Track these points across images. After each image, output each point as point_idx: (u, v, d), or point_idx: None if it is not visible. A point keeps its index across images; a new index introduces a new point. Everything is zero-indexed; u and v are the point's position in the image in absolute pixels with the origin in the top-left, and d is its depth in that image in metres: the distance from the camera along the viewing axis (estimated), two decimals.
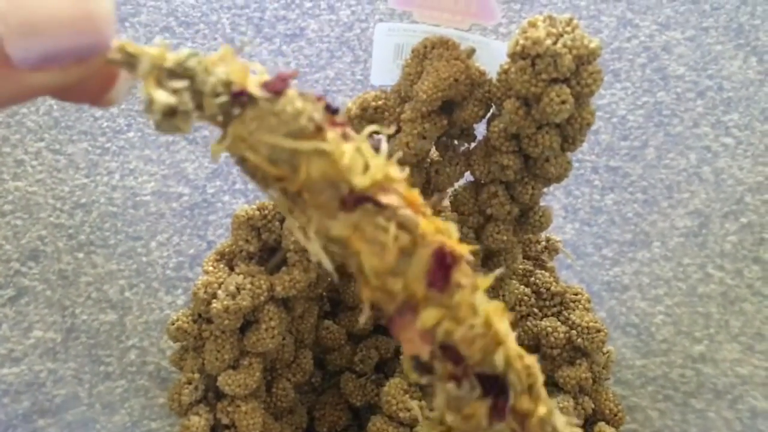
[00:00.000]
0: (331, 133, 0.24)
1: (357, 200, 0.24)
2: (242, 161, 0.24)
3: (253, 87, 0.24)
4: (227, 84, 0.23)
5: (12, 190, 0.57)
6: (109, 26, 0.23)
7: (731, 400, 0.56)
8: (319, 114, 0.24)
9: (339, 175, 0.24)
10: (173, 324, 0.46)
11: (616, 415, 0.50)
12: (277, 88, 0.24)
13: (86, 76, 0.24)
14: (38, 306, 0.55)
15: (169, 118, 0.23)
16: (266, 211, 0.45)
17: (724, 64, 0.65)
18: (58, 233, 0.57)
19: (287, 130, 0.23)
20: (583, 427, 0.51)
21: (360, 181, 0.24)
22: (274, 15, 0.66)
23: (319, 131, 0.24)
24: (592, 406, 0.50)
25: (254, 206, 0.46)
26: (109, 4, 0.23)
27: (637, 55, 0.65)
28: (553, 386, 0.51)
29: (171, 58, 0.23)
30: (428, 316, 0.24)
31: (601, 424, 0.50)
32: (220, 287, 0.45)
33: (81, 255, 0.57)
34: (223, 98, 0.23)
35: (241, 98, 0.23)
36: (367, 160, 0.24)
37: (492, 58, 0.44)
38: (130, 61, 0.24)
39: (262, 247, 0.46)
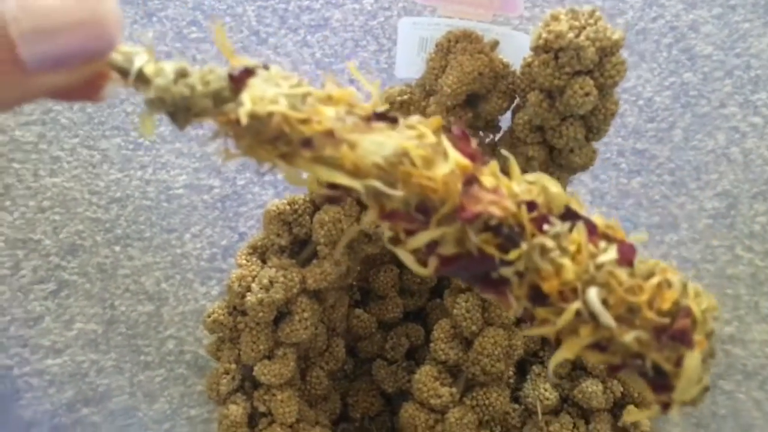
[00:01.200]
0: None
1: (377, 117, 0.26)
2: (264, 122, 0.25)
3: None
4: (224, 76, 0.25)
5: (50, 186, 0.59)
6: (117, 28, 0.24)
7: (761, 381, 0.56)
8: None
9: (354, 102, 0.26)
10: (209, 316, 0.48)
11: (644, 398, 0.51)
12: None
13: (90, 76, 0.25)
14: (78, 299, 0.57)
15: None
16: (296, 206, 0.46)
17: (752, 42, 0.64)
18: (95, 227, 0.59)
19: (289, 83, 0.26)
20: (611, 410, 0.51)
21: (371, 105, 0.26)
22: (299, 6, 0.67)
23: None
24: (621, 389, 0.51)
25: (285, 201, 0.47)
26: (115, 5, 0.24)
27: (663, 36, 0.64)
28: (582, 370, 0.51)
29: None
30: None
31: (630, 407, 0.51)
32: (253, 280, 0.46)
33: (118, 248, 0.58)
34: (222, 83, 0.25)
35: (242, 74, 0.25)
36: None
37: (516, 49, 0.44)
38: (126, 66, 0.25)
39: (293, 240, 0.47)
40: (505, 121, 0.46)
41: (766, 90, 0.62)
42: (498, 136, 0.46)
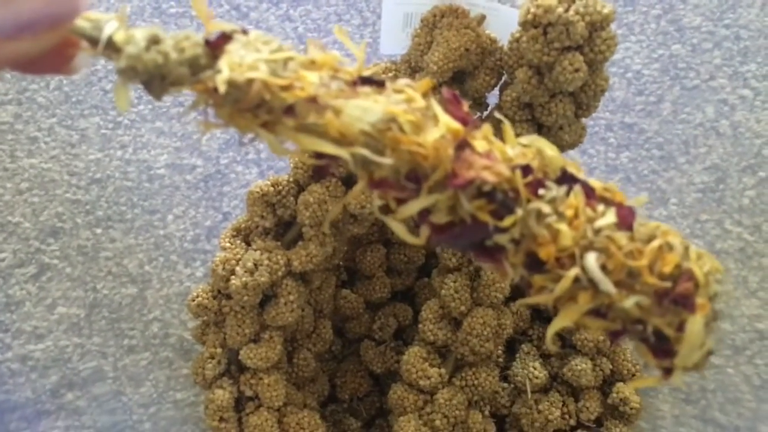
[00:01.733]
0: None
1: (363, 81, 0.25)
2: (244, 89, 0.24)
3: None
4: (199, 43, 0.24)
5: (27, 168, 0.58)
6: None
7: (749, 355, 0.56)
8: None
9: (338, 67, 0.25)
10: (194, 300, 0.47)
11: (634, 375, 0.51)
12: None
13: (54, 45, 0.24)
14: (60, 282, 0.56)
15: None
16: (280, 187, 0.45)
17: (741, 13, 0.63)
18: (75, 209, 0.57)
19: (270, 48, 0.25)
20: (601, 387, 0.51)
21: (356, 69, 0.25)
22: None
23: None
24: (610, 366, 0.51)
25: (268, 182, 0.46)
26: None
27: (652, 7, 0.63)
28: (571, 348, 0.51)
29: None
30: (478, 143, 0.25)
31: (620, 384, 0.50)
32: (238, 264, 0.45)
33: (99, 230, 0.57)
34: (198, 49, 0.24)
35: (219, 39, 0.24)
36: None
37: (503, 24, 0.43)
38: (94, 34, 0.24)
39: (278, 222, 0.46)
40: (492, 98, 0.45)
41: (755, 61, 0.62)
42: (485, 114, 0.45)
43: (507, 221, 0.24)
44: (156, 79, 0.24)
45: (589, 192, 0.25)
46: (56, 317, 0.56)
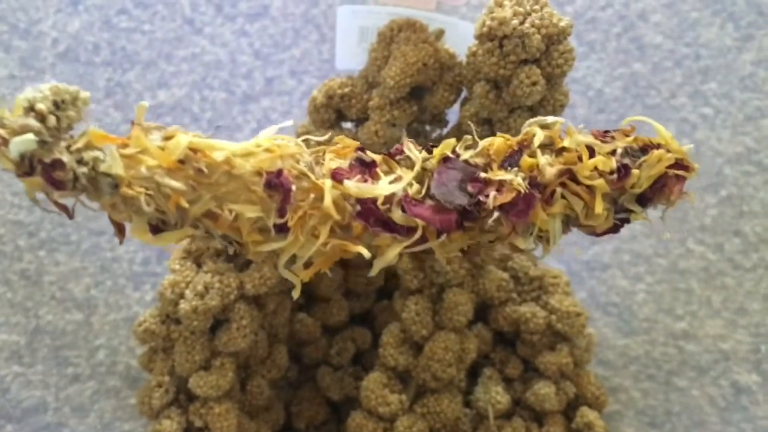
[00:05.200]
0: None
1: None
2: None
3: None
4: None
5: None
6: None
7: (714, 376, 0.55)
8: None
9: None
10: (140, 325, 0.45)
11: (598, 399, 0.50)
12: None
13: None
14: (1, 308, 0.53)
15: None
16: None
17: (701, 32, 0.63)
18: (17, 231, 0.55)
19: None
20: (565, 412, 0.50)
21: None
22: None
23: None
24: (574, 390, 0.49)
25: None
26: None
27: (613, 25, 0.63)
28: (534, 372, 0.50)
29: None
30: None
31: (584, 408, 0.49)
32: (187, 287, 0.43)
33: (42, 253, 0.55)
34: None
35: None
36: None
37: (462, 39, 0.42)
38: None
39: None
40: (453, 114, 0.44)
41: (716, 80, 0.61)
42: (446, 131, 0.44)
43: None
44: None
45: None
46: None
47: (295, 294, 0.31)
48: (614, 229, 0.34)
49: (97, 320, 0.54)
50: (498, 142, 0.32)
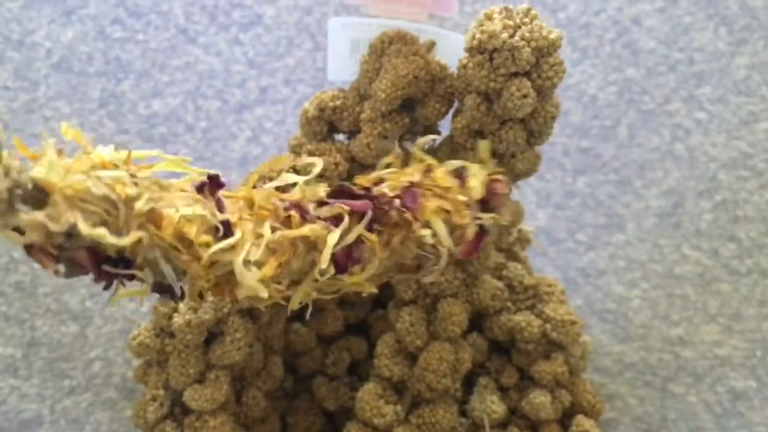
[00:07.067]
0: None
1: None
2: None
3: None
4: None
5: None
6: None
7: (710, 383, 0.55)
8: None
9: None
10: (135, 339, 0.45)
11: (594, 407, 0.50)
12: None
13: None
14: None
15: None
16: None
17: (695, 36, 0.63)
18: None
19: None
20: (561, 420, 0.50)
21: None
22: (229, 2, 0.63)
23: None
24: (570, 398, 0.49)
25: None
26: None
27: (606, 30, 0.63)
28: (530, 381, 0.50)
29: None
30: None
31: (580, 416, 0.49)
32: None
33: (37, 265, 0.54)
34: None
35: None
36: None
37: (454, 51, 0.42)
38: None
39: None
40: (445, 126, 0.44)
41: (710, 84, 0.61)
42: (438, 142, 0.44)
43: None
44: None
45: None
46: None
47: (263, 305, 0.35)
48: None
49: (93, 332, 0.54)
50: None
